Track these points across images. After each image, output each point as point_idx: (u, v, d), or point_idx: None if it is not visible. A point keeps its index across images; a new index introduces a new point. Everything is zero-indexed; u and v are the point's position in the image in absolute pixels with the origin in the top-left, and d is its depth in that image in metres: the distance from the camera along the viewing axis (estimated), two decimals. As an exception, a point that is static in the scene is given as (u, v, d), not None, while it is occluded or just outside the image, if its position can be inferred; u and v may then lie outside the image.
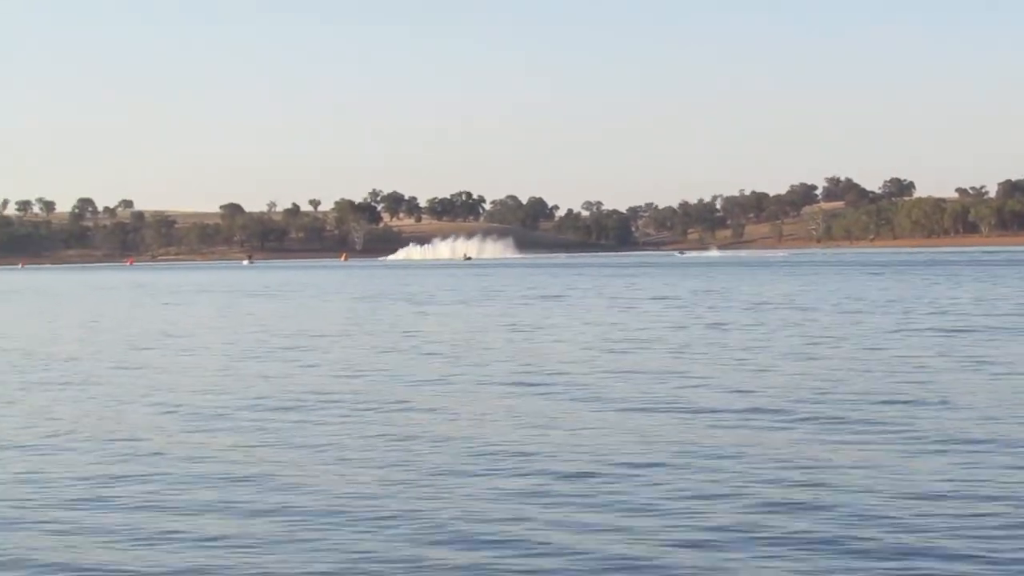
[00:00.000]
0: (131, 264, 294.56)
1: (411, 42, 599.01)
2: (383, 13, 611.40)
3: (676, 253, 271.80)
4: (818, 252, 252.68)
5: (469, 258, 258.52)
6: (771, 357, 28.70)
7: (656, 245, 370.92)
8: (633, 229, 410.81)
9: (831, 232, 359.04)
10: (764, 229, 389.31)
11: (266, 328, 44.52)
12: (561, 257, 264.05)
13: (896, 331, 35.97)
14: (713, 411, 19.81)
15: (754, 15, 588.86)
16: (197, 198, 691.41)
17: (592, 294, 68.97)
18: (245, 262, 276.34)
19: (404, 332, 40.39)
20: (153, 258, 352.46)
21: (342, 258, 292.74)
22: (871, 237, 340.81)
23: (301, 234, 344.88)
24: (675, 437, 17.29)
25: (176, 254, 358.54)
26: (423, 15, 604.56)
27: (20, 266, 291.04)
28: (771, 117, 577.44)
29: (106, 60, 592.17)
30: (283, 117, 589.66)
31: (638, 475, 14.54)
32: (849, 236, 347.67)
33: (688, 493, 13.49)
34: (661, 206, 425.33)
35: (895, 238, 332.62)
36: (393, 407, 21.14)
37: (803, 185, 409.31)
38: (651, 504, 13.02)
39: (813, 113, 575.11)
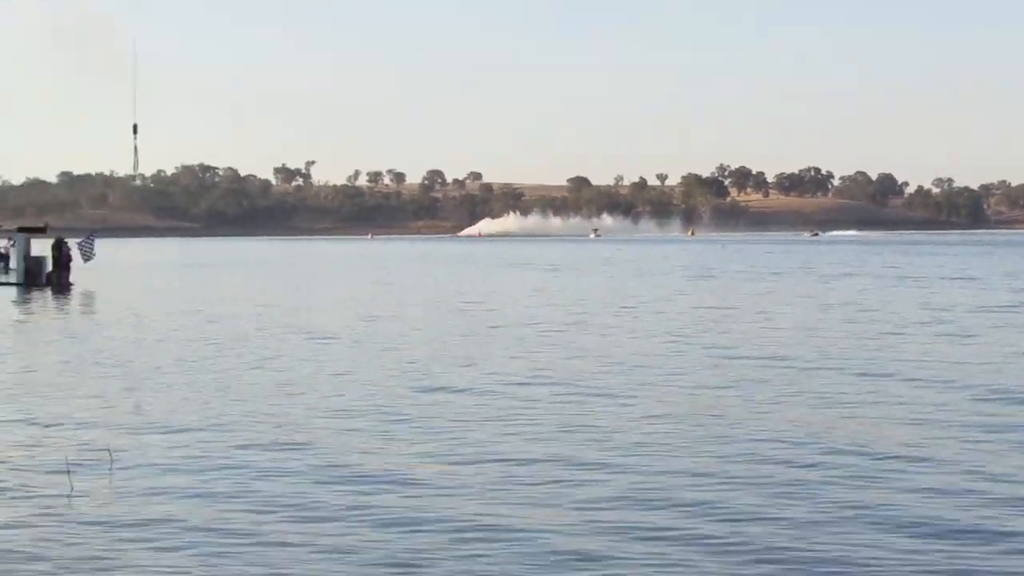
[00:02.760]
0: (480, 236, 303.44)
1: (756, 18, 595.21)
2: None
3: (806, 235, 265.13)
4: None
5: (816, 234, 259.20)
6: None
7: (1009, 224, 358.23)
8: (985, 207, 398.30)
9: None
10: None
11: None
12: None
13: None
14: None
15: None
16: (544, 170, 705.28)
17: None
18: (592, 235, 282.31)
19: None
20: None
21: (689, 233, 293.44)
22: None
23: (647, 208, 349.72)
24: None
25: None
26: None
27: (369, 236, 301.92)
28: None
29: (453, 33, 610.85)
30: (630, 90, 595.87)
31: None
32: None
33: None
34: (1014, 184, 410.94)
35: None
36: None
37: None
38: None
39: None
